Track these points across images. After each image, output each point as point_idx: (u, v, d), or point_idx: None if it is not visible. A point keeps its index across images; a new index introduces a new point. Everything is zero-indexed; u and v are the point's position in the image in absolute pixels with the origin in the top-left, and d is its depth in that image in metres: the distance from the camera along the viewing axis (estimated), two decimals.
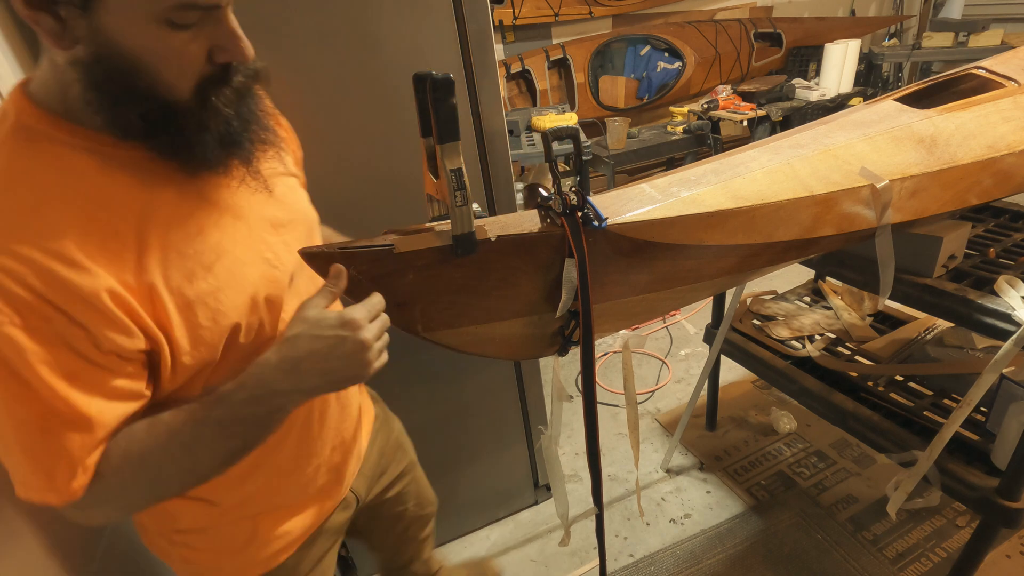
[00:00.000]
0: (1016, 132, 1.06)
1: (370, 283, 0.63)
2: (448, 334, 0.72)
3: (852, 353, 1.65)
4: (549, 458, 0.93)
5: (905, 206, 0.97)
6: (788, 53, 3.86)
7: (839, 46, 3.21)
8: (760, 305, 1.88)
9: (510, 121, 2.61)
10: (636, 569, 1.57)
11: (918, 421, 1.35)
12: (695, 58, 3.60)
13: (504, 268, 0.69)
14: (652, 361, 2.45)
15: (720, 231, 0.79)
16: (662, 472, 1.88)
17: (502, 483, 1.73)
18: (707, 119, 3.17)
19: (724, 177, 0.83)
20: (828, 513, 1.66)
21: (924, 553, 1.52)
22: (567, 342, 0.79)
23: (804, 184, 0.86)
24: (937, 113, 1.06)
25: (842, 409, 1.43)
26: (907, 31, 4.51)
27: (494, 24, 2.67)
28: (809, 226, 0.87)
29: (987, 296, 1.07)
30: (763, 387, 2.20)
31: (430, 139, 0.57)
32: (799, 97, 3.25)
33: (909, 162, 0.96)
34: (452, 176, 0.57)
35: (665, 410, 2.17)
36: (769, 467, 1.85)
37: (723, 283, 0.98)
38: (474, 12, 1.13)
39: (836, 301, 1.84)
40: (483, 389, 1.54)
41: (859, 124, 1.03)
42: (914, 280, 1.15)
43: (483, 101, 1.22)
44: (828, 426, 1.84)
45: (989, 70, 1.23)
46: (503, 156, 1.30)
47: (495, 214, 1.32)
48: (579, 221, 0.67)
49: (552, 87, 3.47)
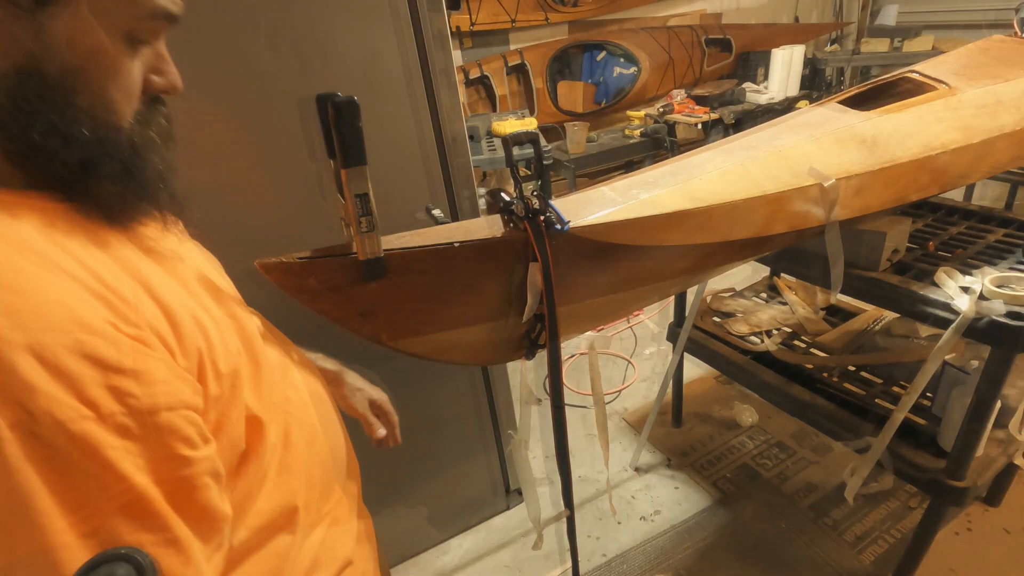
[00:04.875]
0: (948, 132, 1.12)
1: (331, 293, 0.62)
2: (414, 342, 0.71)
3: (807, 346, 1.71)
4: (519, 462, 0.93)
5: (851, 203, 1.02)
6: (738, 58, 4.00)
7: (785, 51, 3.34)
8: (720, 302, 1.93)
9: (470, 127, 2.61)
10: (609, 568, 1.59)
11: (870, 409, 1.41)
12: (650, 63, 3.68)
13: (468, 274, 0.69)
14: (618, 361, 2.48)
15: (679, 231, 0.81)
16: (631, 471, 1.91)
17: (473, 490, 1.72)
18: (663, 123, 3.25)
19: (681, 179, 0.85)
20: (790, 502, 1.71)
21: (881, 535, 1.58)
22: (534, 345, 0.80)
23: (757, 184, 0.89)
24: (877, 115, 1.11)
25: (800, 400, 1.48)
26: (847, 37, 4.74)
27: (451, 30, 2.68)
28: (763, 224, 0.91)
29: (928, 287, 1.13)
30: (725, 382, 2.26)
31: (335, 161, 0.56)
32: (749, 100, 3.37)
33: (853, 161, 1.01)
34: (358, 202, 0.55)
35: (632, 409, 2.20)
36: (734, 460, 1.90)
37: (684, 282, 1.00)
38: (430, 18, 1.13)
39: (791, 296, 1.91)
40: (451, 396, 1.53)
41: (806, 126, 1.08)
42: (862, 274, 1.21)
43: (443, 107, 1.21)
44: (788, 417, 1.91)
45: (922, 74, 1.30)
46: (464, 162, 1.29)
47: (458, 220, 1.32)
48: (542, 225, 0.68)
49: (511, 93, 3.49)
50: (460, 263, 0.67)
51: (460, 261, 0.67)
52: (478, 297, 0.71)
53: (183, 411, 0.42)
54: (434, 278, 0.66)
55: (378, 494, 1.52)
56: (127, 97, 0.47)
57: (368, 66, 1.11)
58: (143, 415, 0.40)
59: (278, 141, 1.09)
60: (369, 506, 0.95)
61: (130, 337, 0.40)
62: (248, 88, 1.04)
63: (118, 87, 0.46)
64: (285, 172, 1.12)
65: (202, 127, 1.01)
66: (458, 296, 0.70)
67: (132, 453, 0.39)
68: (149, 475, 0.40)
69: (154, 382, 0.40)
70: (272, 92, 1.05)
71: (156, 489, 0.40)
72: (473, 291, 0.70)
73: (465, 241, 0.66)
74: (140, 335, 0.41)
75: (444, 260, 0.66)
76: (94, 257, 0.43)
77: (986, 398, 1.09)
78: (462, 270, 0.68)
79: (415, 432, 1.50)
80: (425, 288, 0.67)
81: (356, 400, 0.87)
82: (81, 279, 0.40)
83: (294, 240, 1.07)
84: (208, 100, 1.01)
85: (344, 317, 0.65)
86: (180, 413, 0.42)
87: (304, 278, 0.60)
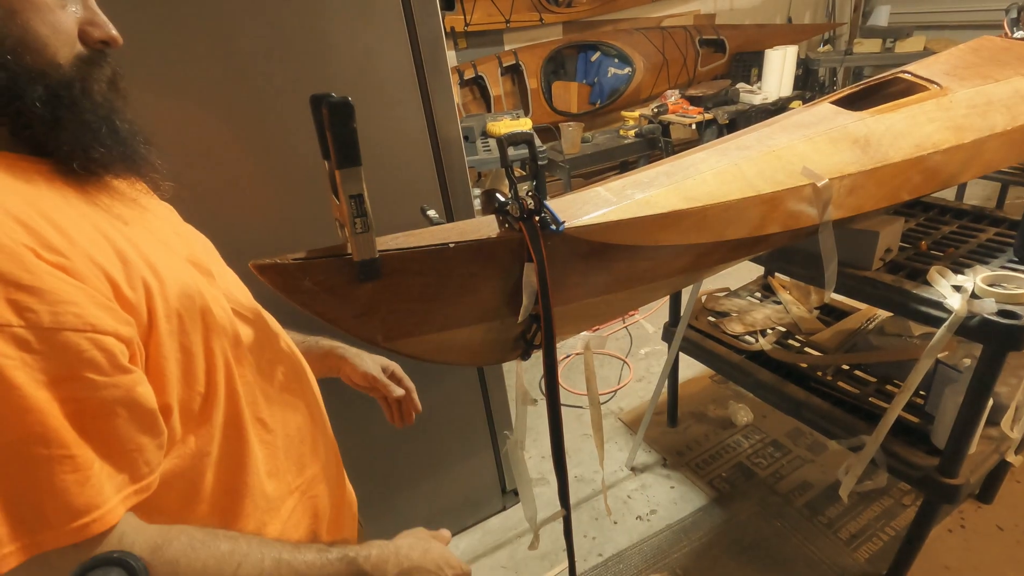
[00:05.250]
0: (940, 132, 1.13)
1: (327, 294, 0.62)
2: (410, 343, 0.71)
3: (802, 345, 1.72)
4: (515, 463, 0.93)
5: (844, 203, 1.02)
6: (731, 59, 4.02)
7: (778, 52, 3.36)
8: (714, 302, 1.94)
9: (465, 127, 2.61)
10: (605, 568, 1.59)
11: (864, 407, 1.42)
12: (644, 64, 3.69)
13: (464, 275, 0.68)
14: (613, 361, 2.49)
15: (674, 231, 0.81)
16: (627, 470, 1.91)
17: (469, 491, 1.71)
18: (658, 123, 3.26)
19: (676, 179, 0.85)
20: (786, 500, 1.72)
21: (875, 533, 1.59)
22: (529, 346, 0.80)
23: (751, 184, 0.89)
24: (869, 115, 1.12)
25: (794, 399, 1.48)
26: (840, 38, 4.77)
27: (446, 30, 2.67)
28: (757, 224, 0.91)
29: (921, 286, 1.13)
30: (720, 382, 2.27)
31: (329, 162, 0.56)
32: (743, 101, 3.39)
33: (846, 161, 1.02)
34: (352, 203, 0.55)
35: (628, 409, 2.20)
36: (729, 459, 1.90)
37: (679, 282, 1.01)
38: (425, 18, 1.13)
39: (785, 296, 1.92)
40: (447, 397, 1.52)
41: (799, 126, 1.08)
42: (855, 273, 1.21)
43: (437, 107, 1.21)
44: (782, 416, 1.91)
45: (914, 74, 1.31)
46: (459, 162, 1.29)
47: (453, 220, 1.31)
48: (537, 225, 0.68)
49: (506, 93, 3.49)
50: (455, 264, 0.67)
51: (455, 262, 0.67)
52: (474, 298, 0.71)
53: (92, 335, 0.44)
54: (430, 279, 0.66)
55: (374, 494, 1.52)
56: (56, 33, 0.49)
57: (362, 67, 1.11)
58: (43, 331, 0.41)
59: (272, 142, 1.09)
60: (364, 507, 0.95)
61: (48, 263, 0.42)
62: (243, 88, 1.03)
63: (43, 22, 0.48)
64: (281, 172, 1.11)
65: (197, 128, 1.01)
66: (454, 297, 0.70)
67: (29, 366, 0.41)
68: (48, 391, 0.42)
69: (59, 302, 0.42)
70: (266, 92, 1.05)
71: (56, 406, 0.42)
72: (468, 292, 0.70)
73: (460, 242, 0.66)
74: (63, 263, 0.43)
75: (439, 261, 0.66)
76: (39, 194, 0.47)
77: (978, 396, 1.10)
78: (457, 271, 0.68)
79: (411, 433, 1.50)
80: (421, 289, 0.67)
81: (367, 365, 0.87)
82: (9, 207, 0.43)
83: (292, 241, 1.07)
84: (203, 101, 1.00)
85: (340, 318, 0.65)
86: (88, 336, 0.43)
87: (299, 279, 0.60)
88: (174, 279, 0.53)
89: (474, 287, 0.70)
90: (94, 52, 0.53)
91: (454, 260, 0.66)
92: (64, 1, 0.50)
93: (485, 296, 0.72)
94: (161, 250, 0.55)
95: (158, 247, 0.55)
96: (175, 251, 0.59)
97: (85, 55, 0.52)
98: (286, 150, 1.11)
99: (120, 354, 0.46)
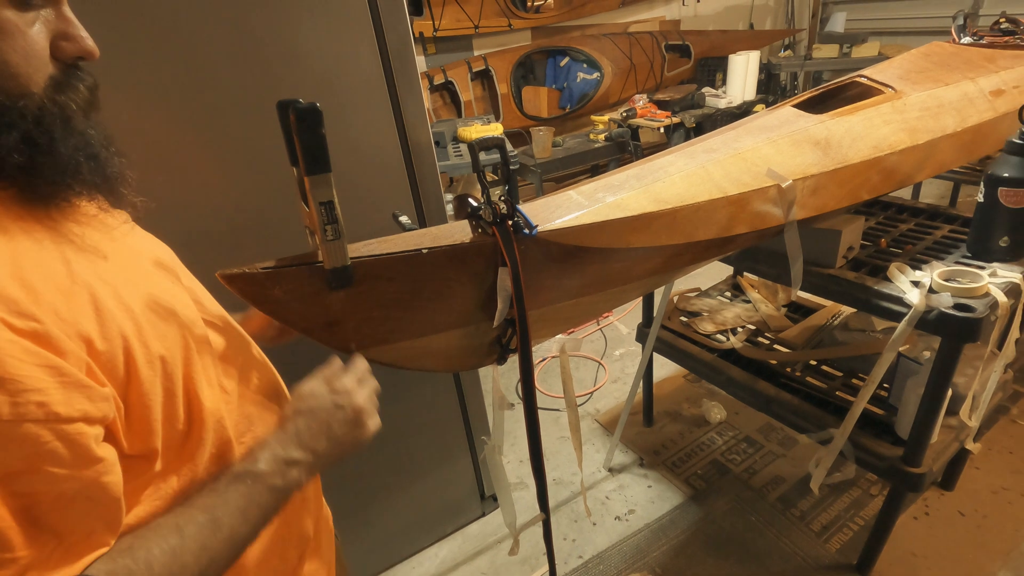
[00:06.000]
0: (896, 133, 1.17)
1: (297, 303, 0.61)
2: (384, 350, 0.70)
3: (771, 342, 1.76)
4: (494, 468, 0.93)
5: (808, 203, 1.05)
6: (697, 64, 4.11)
7: (741, 57, 3.45)
8: (686, 302, 1.97)
9: (436, 132, 2.61)
10: (586, 570, 1.59)
11: (832, 401, 1.46)
12: (612, 69, 3.74)
13: (438, 280, 0.68)
14: (589, 363, 2.51)
15: (645, 233, 0.82)
16: (605, 471, 1.92)
17: (448, 498, 1.70)
18: (627, 127, 3.30)
19: (646, 182, 0.86)
20: (759, 495, 1.76)
21: (845, 523, 1.64)
22: (505, 350, 0.80)
23: (718, 186, 0.91)
24: (829, 118, 1.16)
25: (765, 395, 1.52)
26: (799, 43, 4.92)
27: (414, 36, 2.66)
28: (725, 225, 0.93)
29: (882, 282, 1.17)
30: (693, 380, 2.31)
31: (298, 169, 0.55)
32: (709, 104, 3.46)
33: (808, 163, 1.05)
34: (322, 209, 0.54)
35: (604, 410, 2.22)
36: (704, 457, 1.93)
37: (651, 283, 1.02)
38: (393, 23, 1.12)
39: (754, 294, 1.96)
40: (423, 404, 1.51)
41: (763, 129, 1.11)
42: (820, 271, 1.25)
43: (407, 113, 1.20)
44: (754, 412, 1.95)
45: (870, 78, 1.36)
46: (431, 167, 1.29)
47: (425, 226, 1.31)
48: (510, 230, 0.68)
49: (476, 98, 3.49)
50: (429, 270, 0.66)
51: (429, 268, 0.66)
52: (448, 303, 0.71)
53: (55, 425, 0.41)
54: (403, 285, 0.66)
55: (350, 506, 1.49)
56: (28, 60, 0.45)
57: (331, 72, 1.09)
58: (1, 424, 0.39)
59: (240, 149, 1.06)
60: (341, 519, 0.93)
61: (18, 332, 0.40)
62: (209, 95, 1.01)
63: (13, 49, 0.44)
64: (250, 180, 1.09)
65: (163, 135, 0.98)
66: (428, 303, 0.69)
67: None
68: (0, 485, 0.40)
69: (22, 391, 0.40)
70: (233, 98, 1.03)
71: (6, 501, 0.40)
72: (443, 298, 0.70)
73: (433, 247, 0.65)
74: (35, 328, 0.41)
75: (412, 267, 0.65)
76: (4, 236, 0.44)
77: (938, 387, 1.14)
78: (431, 277, 0.67)
79: (387, 441, 1.48)
80: (394, 296, 0.66)
81: None
82: None
83: (261, 250, 1.04)
84: (169, 107, 0.98)
85: (311, 327, 0.64)
86: (50, 427, 0.41)
87: (269, 289, 0.59)
88: (152, 320, 0.51)
89: (448, 293, 0.70)
90: (69, 70, 0.49)
91: (427, 266, 0.66)
92: (33, 18, 0.46)
93: (459, 301, 0.72)
94: (140, 279, 0.53)
95: (136, 276, 0.53)
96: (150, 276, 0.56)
97: (59, 78, 0.48)
98: (254, 157, 1.09)
99: (91, 439, 0.43)
